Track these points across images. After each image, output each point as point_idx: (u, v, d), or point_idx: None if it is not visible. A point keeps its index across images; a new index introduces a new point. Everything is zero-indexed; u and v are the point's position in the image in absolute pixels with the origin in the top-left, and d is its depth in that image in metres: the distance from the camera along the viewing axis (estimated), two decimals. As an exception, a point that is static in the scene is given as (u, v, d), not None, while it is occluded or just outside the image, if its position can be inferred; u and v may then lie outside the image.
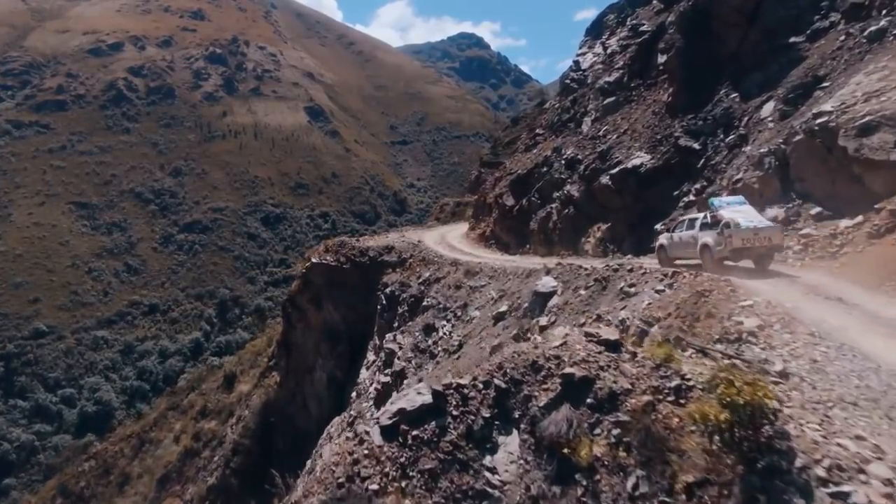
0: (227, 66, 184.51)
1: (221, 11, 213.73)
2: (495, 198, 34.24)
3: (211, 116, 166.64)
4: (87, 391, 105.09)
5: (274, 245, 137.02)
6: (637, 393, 7.58)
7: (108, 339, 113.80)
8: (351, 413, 26.62)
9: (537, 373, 8.14)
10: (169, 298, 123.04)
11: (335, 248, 36.15)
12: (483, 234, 35.66)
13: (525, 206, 31.20)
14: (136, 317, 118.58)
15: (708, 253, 16.26)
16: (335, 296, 33.53)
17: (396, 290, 30.62)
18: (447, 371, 10.57)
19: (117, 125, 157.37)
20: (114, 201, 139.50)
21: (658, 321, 14.41)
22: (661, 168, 24.39)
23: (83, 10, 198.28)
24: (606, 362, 8.14)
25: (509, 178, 33.60)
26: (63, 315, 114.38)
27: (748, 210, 16.45)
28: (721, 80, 24.80)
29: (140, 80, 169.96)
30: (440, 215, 74.98)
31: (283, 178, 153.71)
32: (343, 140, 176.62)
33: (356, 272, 33.42)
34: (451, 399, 7.79)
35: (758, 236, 15.34)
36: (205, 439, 41.78)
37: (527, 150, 35.89)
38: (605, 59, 33.79)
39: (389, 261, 33.24)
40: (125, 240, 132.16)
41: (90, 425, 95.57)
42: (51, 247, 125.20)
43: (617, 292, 18.13)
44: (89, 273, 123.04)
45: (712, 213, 16.68)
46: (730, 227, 15.55)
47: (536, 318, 21.62)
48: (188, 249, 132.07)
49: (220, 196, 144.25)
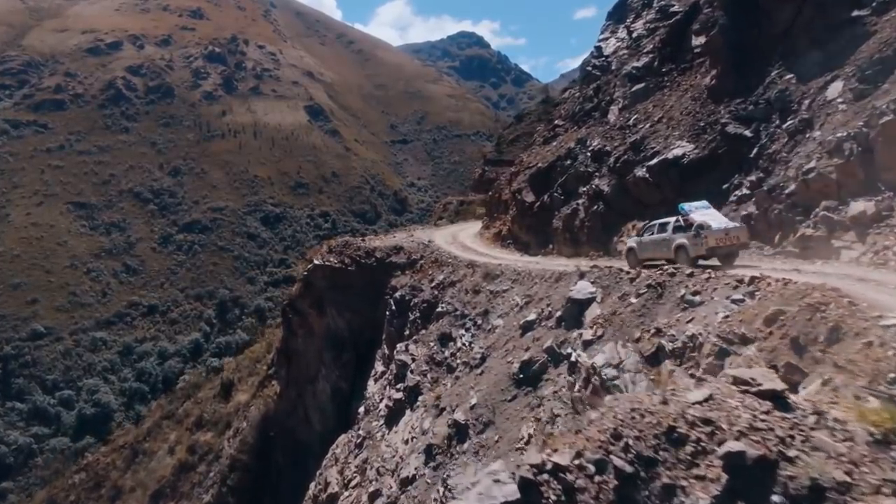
0: (226, 65, 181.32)
1: (220, 10, 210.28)
2: (512, 194, 31.23)
3: (210, 116, 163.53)
4: (85, 393, 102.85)
5: (274, 245, 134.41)
6: (864, 491, 4.60)
7: (107, 341, 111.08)
8: (360, 433, 23.61)
9: (679, 447, 5.20)
10: (168, 299, 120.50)
11: (339, 248, 33.21)
12: (499, 234, 32.72)
13: (547, 203, 28.20)
14: (134, 318, 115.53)
15: (684, 252, 17.69)
16: (339, 300, 30.62)
17: (407, 294, 27.63)
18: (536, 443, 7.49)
19: (116, 125, 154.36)
20: (112, 201, 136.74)
21: (750, 341, 11.45)
22: (706, 158, 21.43)
23: (82, 9, 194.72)
24: (786, 431, 5.16)
25: (528, 173, 30.55)
26: (61, 316, 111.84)
27: (714, 213, 18.13)
28: (771, 61, 21.85)
29: (139, 79, 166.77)
30: (443, 214, 72.47)
31: (282, 178, 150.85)
32: (343, 139, 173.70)
33: (362, 274, 30.51)
34: (549, 492, 4.83)
35: (728, 236, 17.05)
36: (200, 452, 38.74)
37: (545, 142, 32.84)
38: (630, 44, 30.79)
39: (398, 262, 30.31)
40: (124, 240, 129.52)
41: (88, 428, 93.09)
42: (49, 247, 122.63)
43: (677, 301, 15.15)
44: (88, 274, 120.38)
45: (683, 216, 18.09)
46: (704, 229, 17.14)
47: (575, 329, 18.68)
48: (187, 249, 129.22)
49: (219, 196, 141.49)
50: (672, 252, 18.18)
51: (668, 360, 13.62)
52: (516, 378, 18.58)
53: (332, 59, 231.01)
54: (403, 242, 33.06)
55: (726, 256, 17.41)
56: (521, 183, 30.53)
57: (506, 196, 33.23)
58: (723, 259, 17.42)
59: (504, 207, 33.36)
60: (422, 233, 39.69)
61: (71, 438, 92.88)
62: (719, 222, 17.40)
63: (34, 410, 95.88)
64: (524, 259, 27.39)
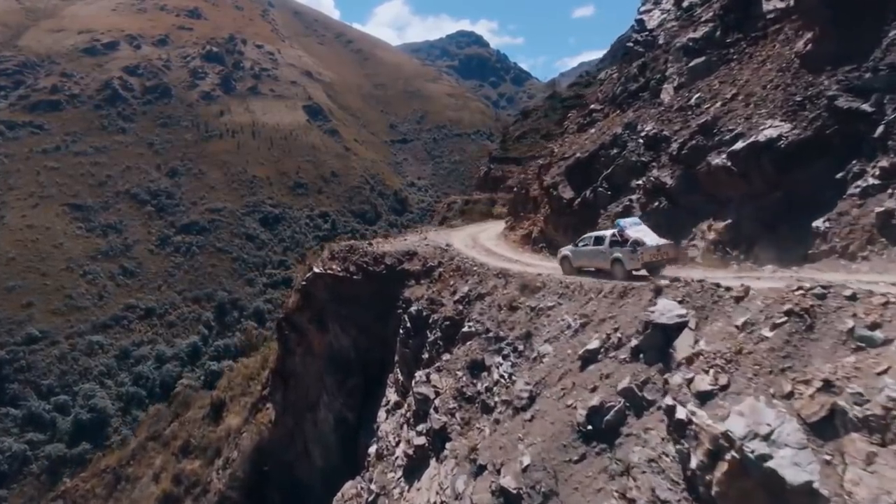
0: (224, 64, 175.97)
1: (218, 10, 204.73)
2: (545, 190, 26.13)
3: (208, 116, 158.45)
4: (81, 398, 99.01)
5: (273, 246, 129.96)
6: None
7: (104, 344, 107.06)
8: (372, 486, 18.52)
9: None
10: (166, 301, 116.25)
11: (342, 253, 27.91)
12: (528, 235, 27.84)
13: (590, 199, 23.17)
14: (131, 321, 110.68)
15: (620, 265, 18.49)
16: (343, 315, 25.57)
17: (424, 308, 22.57)
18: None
19: (113, 125, 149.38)
20: (109, 203, 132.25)
21: None
22: (810, 141, 16.47)
23: (78, 10, 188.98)
24: None
25: (563, 165, 25.42)
26: (57, 319, 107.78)
27: (646, 230, 18.87)
28: (887, 17, 16.92)
29: (136, 79, 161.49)
30: (447, 214, 68.36)
31: (281, 178, 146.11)
32: (342, 139, 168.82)
33: (369, 285, 25.43)
34: None
35: (660, 252, 18.06)
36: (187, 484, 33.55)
37: (580, 129, 27.80)
38: (679, 15, 25.84)
39: (412, 270, 25.20)
40: (121, 242, 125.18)
41: (85, 433, 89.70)
42: (44, 249, 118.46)
43: (841, 336, 10.24)
44: (84, 276, 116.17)
45: (620, 232, 18.90)
46: (640, 245, 18.06)
47: (659, 364, 13.75)
48: (185, 251, 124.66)
49: (217, 196, 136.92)
50: (608, 264, 18.99)
51: (854, 433, 8.73)
52: (583, 430, 13.61)
53: (331, 59, 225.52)
54: (417, 246, 27.90)
55: (654, 269, 17.97)
56: (556, 177, 25.46)
57: (535, 192, 28.30)
58: (650, 271, 17.89)
59: (533, 205, 28.44)
60: (436, 235, 34.63)
61: (67, 445, 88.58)
62: (652, 239, 18.32)
63: (29, 416, 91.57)
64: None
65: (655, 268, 18.08)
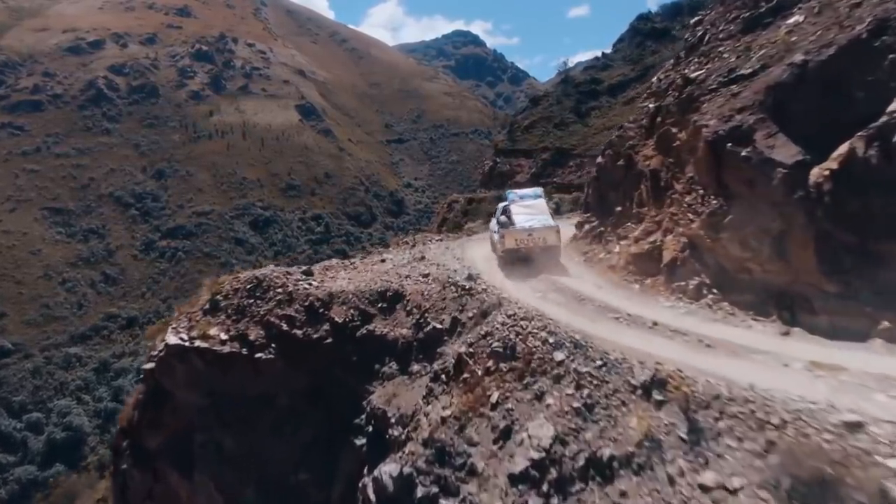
0: (214, 63, 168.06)
1: (209, 8, 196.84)
2: (708, 150, 12.18)
3: (197, 116, 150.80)
4: (55, 415, 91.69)
5: (263, 251, 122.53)
6: None
7: (82, 357, 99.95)
8: None
9: None
10: (149, 310, 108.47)
11: (240, 299, 14.37)
12: (649, 255, 13.87)
13: (860, 168, 9.61)
14: (112, 331, 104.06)
15: (497, 249, 14.87)
16: (232, 447, 12.30)
17: (419, 472, 9.52)
18: None
19: (97, 126, 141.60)
20: (91, 206, 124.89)
21: None
22: None
23: (63, 8, 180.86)
24: None
25: (750, 88, 11.76)
26: (31, 331, 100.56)
27: (540, 205, 15.36)
28: None
29: (122, 78, 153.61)
30: (448, 215, 61.36)
31: (272, 179, 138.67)
32: (336, 139, 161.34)
33: (293, 372, 12.74)
34: None
35: (530, 237, 14.42)
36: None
37: (745, 32, 14.55)
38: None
39: (389, 338, 12.86)
40: (103, 247, 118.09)
41: (58, 454, 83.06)
42: (21, 256, 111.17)
43: None
44: (63, 284, 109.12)
45: (505, 207, 15.50)
46: (507, 226, 14.81)
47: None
48: (171, 256, 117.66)
49: (205, 199, 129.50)
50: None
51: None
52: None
53: (325, 58, 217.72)
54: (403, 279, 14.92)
55: (525, 261, 14.14)
56: (731, 117, 11.73)
57: (653, 162, 14.81)
58: (522, 264, 14.04)
59: (654, 190, 14.56)
60: (440, 249, 19.74)
61: (38, 467, 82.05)
62: (530, 220, 14.52)
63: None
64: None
65: (524, 259, 14.25)
